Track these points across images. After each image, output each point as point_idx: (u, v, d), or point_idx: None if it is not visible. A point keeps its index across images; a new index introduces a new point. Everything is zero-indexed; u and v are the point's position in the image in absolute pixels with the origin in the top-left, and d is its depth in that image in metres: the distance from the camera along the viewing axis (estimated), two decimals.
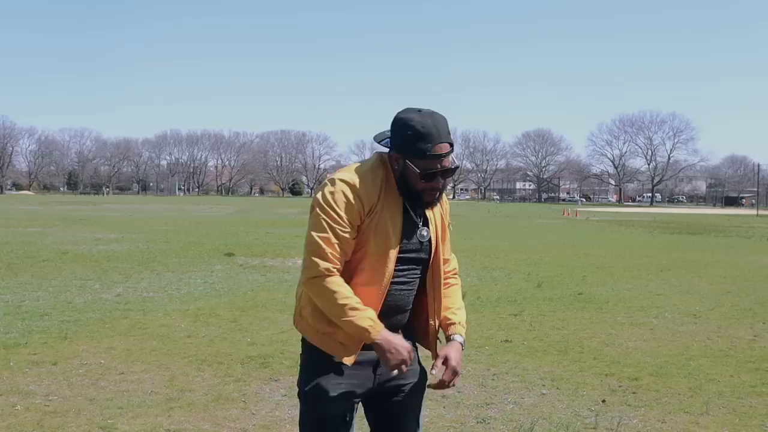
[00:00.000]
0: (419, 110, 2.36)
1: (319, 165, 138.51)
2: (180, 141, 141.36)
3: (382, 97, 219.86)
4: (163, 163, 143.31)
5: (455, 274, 2.73)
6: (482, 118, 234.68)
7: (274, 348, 6.81)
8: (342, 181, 2.35)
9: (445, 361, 2.48)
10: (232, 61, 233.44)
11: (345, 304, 2.30)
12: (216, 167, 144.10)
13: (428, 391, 2.65)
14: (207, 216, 38.03)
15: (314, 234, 2.33)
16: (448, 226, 2.65)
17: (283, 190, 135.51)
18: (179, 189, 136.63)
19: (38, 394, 5.26)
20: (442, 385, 2.49)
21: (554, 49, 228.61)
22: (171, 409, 4.99)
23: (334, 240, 2.32)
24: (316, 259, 2.31)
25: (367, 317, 2.31)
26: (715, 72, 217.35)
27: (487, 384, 5.80)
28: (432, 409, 5.10)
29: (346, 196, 2.32)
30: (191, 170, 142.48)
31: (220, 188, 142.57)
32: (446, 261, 2.66)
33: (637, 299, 10.53)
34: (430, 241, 2.51)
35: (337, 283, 2.32)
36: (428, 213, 2.53)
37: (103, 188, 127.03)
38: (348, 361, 2.40)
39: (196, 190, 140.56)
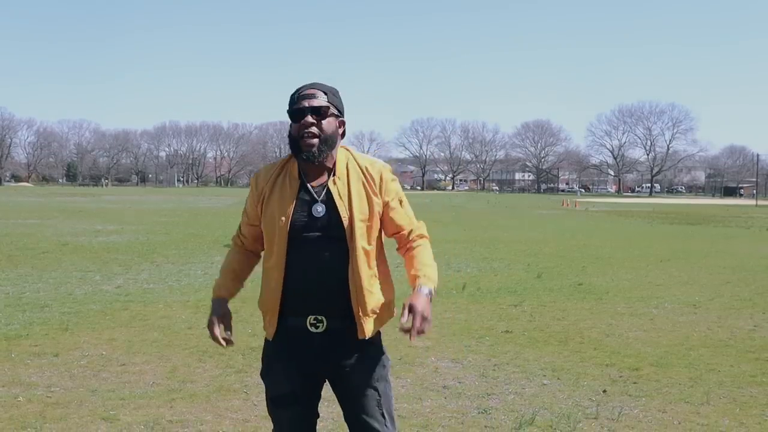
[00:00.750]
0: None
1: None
2: (179, 132, 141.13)
3: (378, 88, 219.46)
4: (162, 154, 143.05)
5: (419, 236, 2.72)
6: (481, 109, 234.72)
7: None
8: (254, 175, 2.75)
9: (411, 309, 2.50)
10: (231, 52, 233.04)
11: (222, 266, 2.85)
12: (215, 158, 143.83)
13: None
14: (206, 207, 38.03)
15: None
16: (392, 199, 2.65)
17: None
18: (178, 180, 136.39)
19: (40, 386, 5.27)
20: (411, 331, 2.48)
21: (553, 39, 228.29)
22: (173, 400, 5.01)
23: (242, 226, 2.80)
24: (238, 227, 2.84)
25: (217, 281, 2.82)
26: (714, 62, 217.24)
27: (488, 374, 5.81)
28: (433, 400, 5.11)
29: (250, 191, 2.72)
30: (190, 162, 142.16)
31: (219, 179, 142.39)
32: (402, 234, 2.69)
33: (637, 289, 10.55)
34: (334, 217, 2.53)
35: (231, 250, 2.86)
36: (338, 190, 2.57)
37: (102, 180, 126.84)
38: (269, 335, 2.66)
39: (195, 181, 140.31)
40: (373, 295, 2.60)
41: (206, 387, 5.33)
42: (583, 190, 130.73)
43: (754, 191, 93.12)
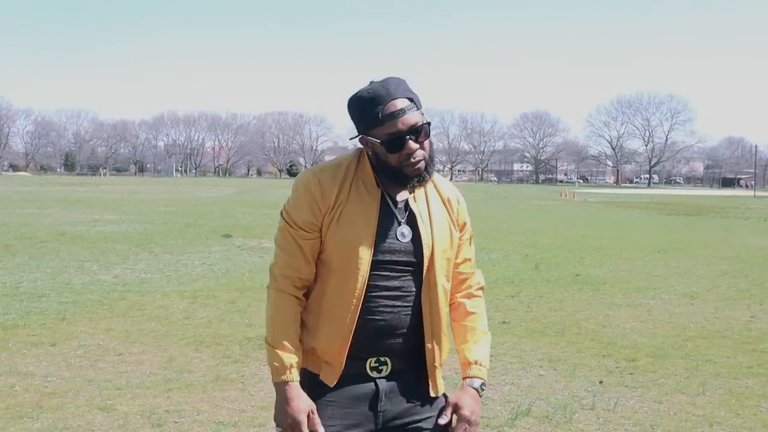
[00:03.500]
0: (371, 82, 2.10)
1: (316, 146, 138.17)
2: (177, 122, 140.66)
3: (375, 78, 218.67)
4: (161, 144, 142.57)
5: (480, 288, 2.32)
6: (480, 100, 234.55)
7: None
8: (302, 180, 2.12)
9: (456, 410, 2.12)
10: (229, 42, 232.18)
11: (276, 329, 2.07)
12: (213, 148, 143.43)
13: None
14: (204, 197, 37.99)
15: (275, 243, 2.17)
16: (465, 232, 2.26)
17: (280, 171, 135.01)
18: (176, 170, 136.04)
19: (37, 375, 5.27)
20: None
21: (552, 29, 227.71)
22: (170, 390, 5.01)
23: (291, 249, 2.10)
24: (273, 269, 2.14)
25: (278, 352, 2.04)
26: (712, 54, 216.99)
27: None
28: None
29: (303, 197, 2.09)
30: (188, 151, 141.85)
31: (217, 169, 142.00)
32: (463, 276, 2.26)
33: (635, 280, 10.56)
34: (419, 242, 2.09)
35: (281, 300, 2.10)
36: (420, 209, 2.13)
37: (100, 169, 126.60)
38: (330, 381, 2.08)
39: (194, 171, 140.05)
40: (448, 343, 2.21)
41: (203, 377, 5.33)
42: (581, 181, 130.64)
43: (752, 182, 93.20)
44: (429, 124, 2.07)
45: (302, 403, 2.02)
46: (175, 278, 9.88)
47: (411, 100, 2.04)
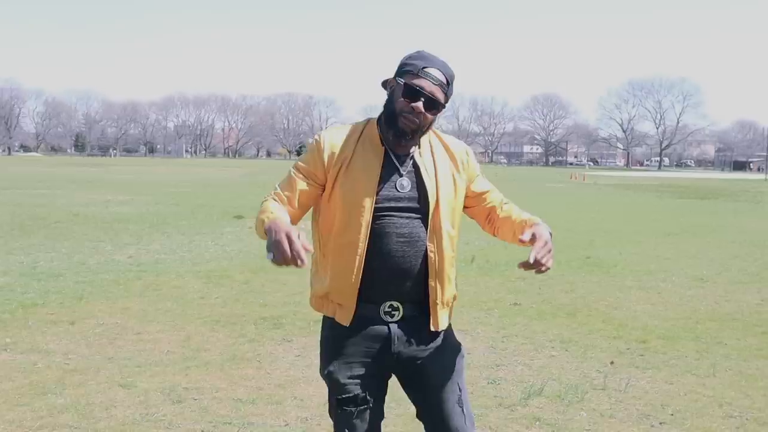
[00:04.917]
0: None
1: (325, 128, 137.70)
2: (187, 103, 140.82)
3: (387, 61, 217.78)
4: (170, 125, 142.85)
5: (506, 202, 2.60)
6: (490, 82, 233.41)
7: (287, 309, 6.91)
8: (320, 135, 2.42)
9: (535, 238, 2.31)
10: (239, 23, 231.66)
11: (261, 212, 2.27)
12: (223, 129, 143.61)
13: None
14: (215, 178, 38.09)
15: (285, 175, 2.44)
16: (479, 178, 2.56)
17: (290, 152, 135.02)
18: (186, 151, 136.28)
19: (58, 353, 5.38)
20: (535, 264, 2.28)
21: (563, 11, 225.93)
22: (188, 368, 5.11)
23: (285, 185, 2.39)
24: (273, 189, 2.41)
25: (267, 215, 2.23)
26: (724, 37, 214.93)
27: (497, 346, 5.89)
28: None
29: (310, 149, 2.41)
30: (198, 132, 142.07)
31: (227, 150, 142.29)
32: (492, 205, 2.56)
33: (645, 263, 10.59)
34: (423, 191, 2.34)
35: (267, 201, 2.35)
36: (425, 161, 2.39)
37: (111, 150, 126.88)
38: (344, 321, 2.35)
39: (203, 152, 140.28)
40: (452, 284, 2.45)
41: (220, 355, 5.43)
42: (591, 164, 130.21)
43: (764, 166, 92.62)
44: (444, 107, 2.35)
45: (282, 224, 2.10)
46: (189, 259, 9.98)
47: (448, 84, 2.34)
